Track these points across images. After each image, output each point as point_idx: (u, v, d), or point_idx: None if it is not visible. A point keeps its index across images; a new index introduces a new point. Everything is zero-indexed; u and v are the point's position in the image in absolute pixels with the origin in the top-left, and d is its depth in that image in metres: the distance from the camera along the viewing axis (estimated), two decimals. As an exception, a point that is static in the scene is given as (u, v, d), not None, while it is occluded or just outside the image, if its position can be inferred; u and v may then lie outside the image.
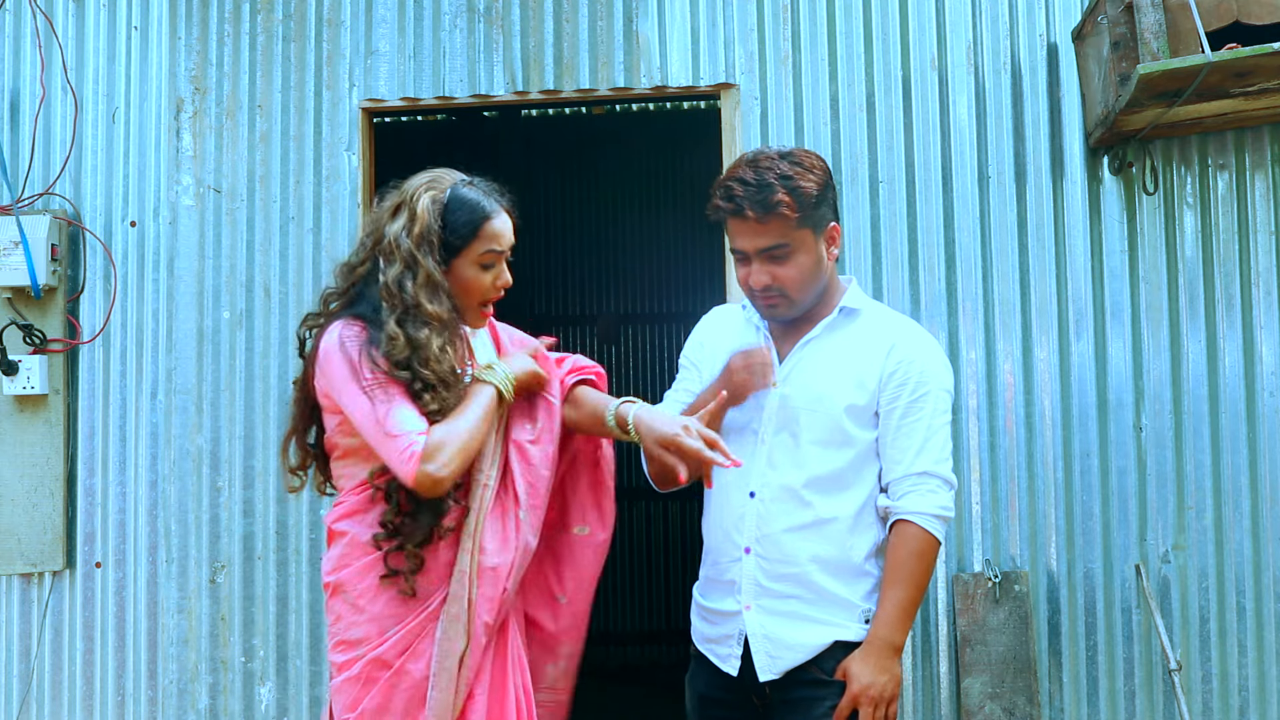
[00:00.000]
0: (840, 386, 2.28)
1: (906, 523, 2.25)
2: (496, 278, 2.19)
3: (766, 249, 2.24)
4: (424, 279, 2.08)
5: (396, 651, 2.08)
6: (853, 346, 2.32)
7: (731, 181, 2.26)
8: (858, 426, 2.28)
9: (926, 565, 2.26)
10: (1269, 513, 3.28)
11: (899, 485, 2.28)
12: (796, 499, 2.27)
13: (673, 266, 7.17)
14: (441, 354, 2.07)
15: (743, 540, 2.30)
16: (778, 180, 2.21)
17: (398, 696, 2.08)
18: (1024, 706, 3.20)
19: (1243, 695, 3.26)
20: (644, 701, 5.94)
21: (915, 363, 2.30)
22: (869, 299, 2.44)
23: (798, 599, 2.26)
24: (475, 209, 2.15)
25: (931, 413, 2.28)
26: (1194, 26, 2.90)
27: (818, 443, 2.27)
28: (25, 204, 3.58)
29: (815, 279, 2.29)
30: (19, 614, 3.54)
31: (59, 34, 3.64)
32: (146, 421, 3.54)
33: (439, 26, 3.57)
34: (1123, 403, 3.33)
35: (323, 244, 3.53)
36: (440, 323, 2.08)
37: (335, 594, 2.13)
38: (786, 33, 3.49)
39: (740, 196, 2.23)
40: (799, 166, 2.24)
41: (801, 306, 2.31)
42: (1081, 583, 3.31)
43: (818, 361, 2.31)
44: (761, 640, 2.26)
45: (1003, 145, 3.42)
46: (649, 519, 7.12)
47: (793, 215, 2.21)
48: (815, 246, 2.26)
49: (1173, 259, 3.37)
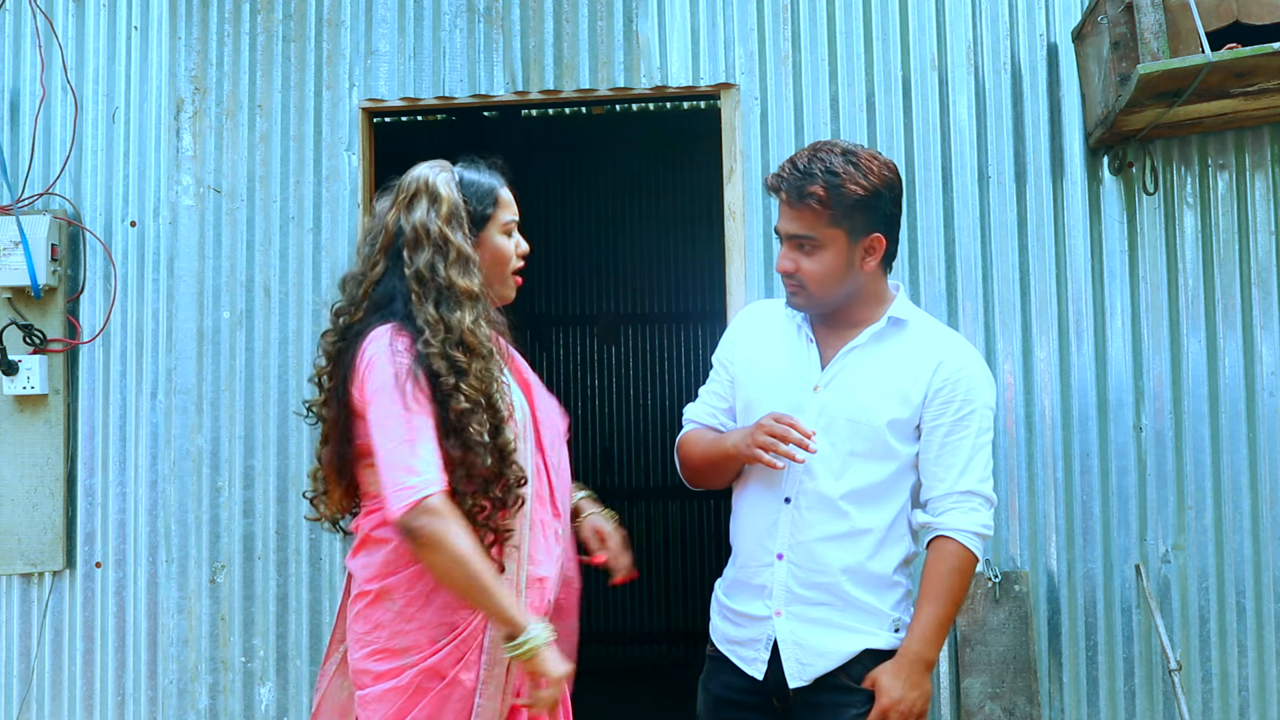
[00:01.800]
0: (884, 400, 2.24)
1: (947, 539, 2.23)
2: (518, 245, 2.23)
3: (795, 235, 2.23)
4: (455, 257, 2.08)
5: (451, 661, 2.05)
6: (898, 359, 2.28)
7: (788, 162, 2.24)
8: (899, 441, 2.25)
9: (964, 582, 2.24)
10: (1269, 513, 3.28)
11: (941, 502, 2.25)
12: (833, 509, 2.23)
13: (673, 266, 7.18)
14: (475, 325, 2.05)
15: (776, 546, 2.26)
16: (822, 173, 2.18)
17: (449, 707, 2.04)
18: (1024, 706, 3.20)
19: (1243, 695, 3.26)
20: (646, 702, 5.94)
21: (962, 381, 2.25)
22: (916, 308, 2.40)
23: (828, 606, 2.23)
24: (490, 180, 2.20)
25: (976, 431, 2.25)
26: (1194, 26, 2.90)
27: (859, 455, 2.23)
28: (25, 204, 3.58)
29: (839, 282, 2.24)
30: (19, 614, 3.54)
31: (59, 34, 3.64)
32: (146, 421, 3.54)
33: (439, 26, 3.57)
34: (1123, 403, 3.33)
35: (323, 244, 3.53)
36: (473, 298, 2.07)
37: (378, 601, 2.08)
38: (786, 33, 3.49)
39: (784, 178, 2.22)
40: (853, 167, 2.19)
41: (822, 304, 2.28)
42: (1081, 583, 3.31)
43: (862, 371, 2.27)
44: (792, 647, 2.24)
45: (1003, 145, 3.42)
46: (649, 520, 7.12)
47: (824, 211, 2.18)
48: (846, 250, 2.22)
49: (1173, 259, 3.37)
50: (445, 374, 2.00)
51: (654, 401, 7.27)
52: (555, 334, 7.35)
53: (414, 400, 1.98)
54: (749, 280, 3.42)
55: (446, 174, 2.15)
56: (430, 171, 2.16)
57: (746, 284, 3.42)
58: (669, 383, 7.27)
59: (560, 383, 7.31)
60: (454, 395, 1.99)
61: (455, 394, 1.99)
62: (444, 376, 2.00)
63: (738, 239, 3.44)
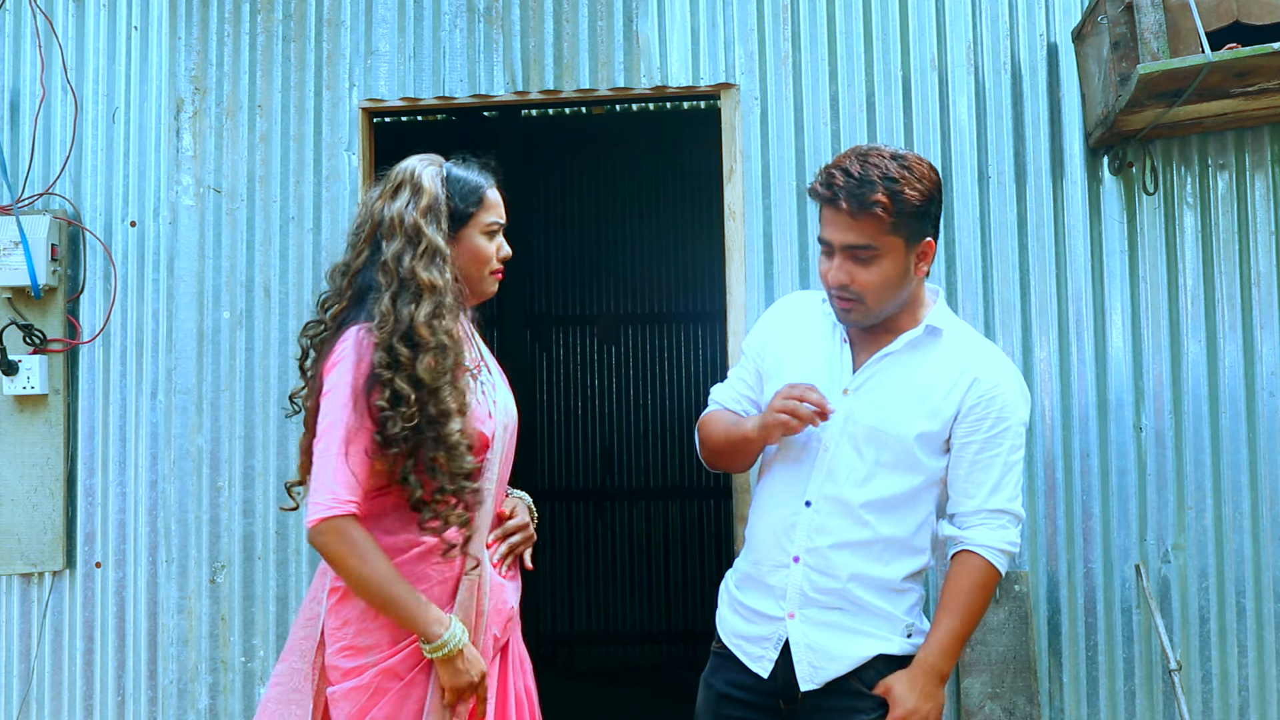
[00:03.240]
0: (914, 412, 2.21)
1: (971, 554, 2.22)
2: (500, 248, 2.23)
3: (852, 246, 2.15)
4: (424, 250, 2.09)
5: (409, 665, 2.08)
6: (932, 370, 2.24)
7: (835, 169, 2.17)
8: (926, 455, 2.22)
9: (986, 598, 2.23)
10: (1269, 513, 3.28)
11: (970, 518, 2.24)
12: (854, 516, 2.21)
13: (673, 266, 7.18)
14: (433, 319, 2.05)
15: (792, 549, 2.25)
16: (881, 180, 2.12)
17: (407, 708, 2.07)
18: (1024, 706, 3.20)
19: (1243, 695, 3.26)
20: (646, 702, 5.94)
21: (997, 398, 2.22)
22: (953, 316, 2.37)
23: (841, 611, 2.22)
24: (477, 179, 2.21)
25: (1009, 449, 2.23)
26: (1194, 26, 2.90)
27: (885, 465, 2.21)
28: (25, 204, 3.58)
29: (896, 291, 2.20)
30: (19, 614, 3.54)
31: (59, 34, 3.64)
32: (146, 421, 3.54)
33: (439, 26, 3.57)
34: (1123, 403, 3.33)
35: (323, 244, 3.53)
36: (433, 290, 2.07)
37: (346, 598, 2.11)
38: (786, 33, 3.49)
39: (840, 186, 2.14)
40: (908, 172, 2.15)
41: (878, 315, 2.23)
42: (1081, 583, 3.31)
43: (894, 379, 2.24)
44: (805, 650, 2.22)
45: (1003, 145, 3.42)
46: (649, 520, 7.13)
47: (887, 219, 2.12)
48: (904, 258, 2.17)
49: (1173, 259, 3.37)
50: (379, 367, 2.03)
51: (654, 401, 7.27)
52: (555, 334, 7.35)
53: (356, 412, 2.02)
54: (749, 280, 3.42)
55: (434, 168, 2.18)
56: (419, 164, 2.18)
57: (746, 284, 3.42)
58: (669, 383, 7.27)
59: (560, 383, 7.31)
60: (385, 388, 2.02)
61: (385, 387, 2.02)
62: (377, 369, 2.03)
63: (738, 239, 3.44)
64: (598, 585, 7.14)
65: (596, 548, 7.15)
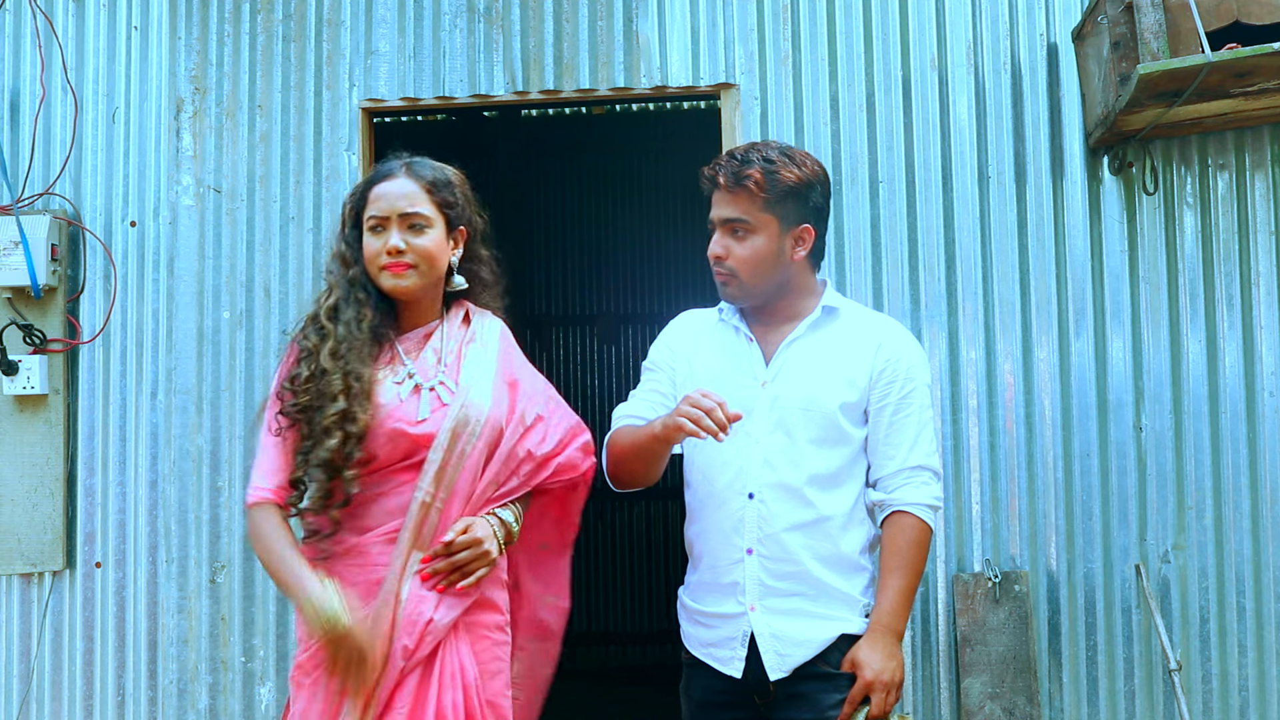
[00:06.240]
0: (832, 385, 2.31)
1: (903, 513, 2.30)
2: (386, 242, 2.20)
3: (728, 219, 2.32)
4: (334, 249, 2.26)
5: (315, 663, 2.10)
6: (839, 345, 2.35)
7: (724, 154, 2.37)
8: (851, 424, 2.31)
9: (923, 553, 2.31)
10: (1269, 513, 3.28)
11: (893, 479, 2.32)
12: (798, 498, 2.28)
13: (673, 266, 7.17)
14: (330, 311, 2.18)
15: (744, 542, 2.29)
16: (760, 160, 2.29)
17: (315, 705, 2.10)
18: (1024, 706, 3.20)
19: (1243, 695, 3.26)
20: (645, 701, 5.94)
21: (902, 360, 2.35)
22: (844, 298, 2.48)
23: (801, 596, 2.27)
24: (370, 176, 2.29)
25: (920, 408, 2.34)
26: (1194, 26, 2.90)
27: (815, 441, 2.29)
28: (25, 204, 3.58)
29: (769, 270, 2.32)
30: (19, 614, 3.54)
31: (59, 34, 3.64)
32: (146, 421, 3.54)
33: (439, 26, 3.57)
34: (1123, 403, 3.33)
35: (323, 244, 3.53)
36: (331, 286, 2.23)
37: None
38: (786, 33, 3.49)
39: (720, 165, 2.33)
40: (787, 158, 2.31)
41: (753, 293, 2.34)
42: (1081, 583, 3.31)
43: (806, 360, 2.34)
44: (770, 640, 2.26)
45: (1003, 145, 3.42)
46: (649, 520, 7.13)
47: (759, 194, 2.27)
48: (777, 237, 2.31)
49: (1173, 259, 3.37)
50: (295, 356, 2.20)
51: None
52: (555, 334, 7.35)
53: (276, 399, 2.19)
54: (749, 280, 3.42)
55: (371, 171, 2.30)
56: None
57: (746, 284, 3.42)
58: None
59: (560, 383, 7.31)
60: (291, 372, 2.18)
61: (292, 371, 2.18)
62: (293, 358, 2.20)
63: (738, 239, 3.44)
64: (598, 585, 7.14)
65: (596, 548, 7.16)
